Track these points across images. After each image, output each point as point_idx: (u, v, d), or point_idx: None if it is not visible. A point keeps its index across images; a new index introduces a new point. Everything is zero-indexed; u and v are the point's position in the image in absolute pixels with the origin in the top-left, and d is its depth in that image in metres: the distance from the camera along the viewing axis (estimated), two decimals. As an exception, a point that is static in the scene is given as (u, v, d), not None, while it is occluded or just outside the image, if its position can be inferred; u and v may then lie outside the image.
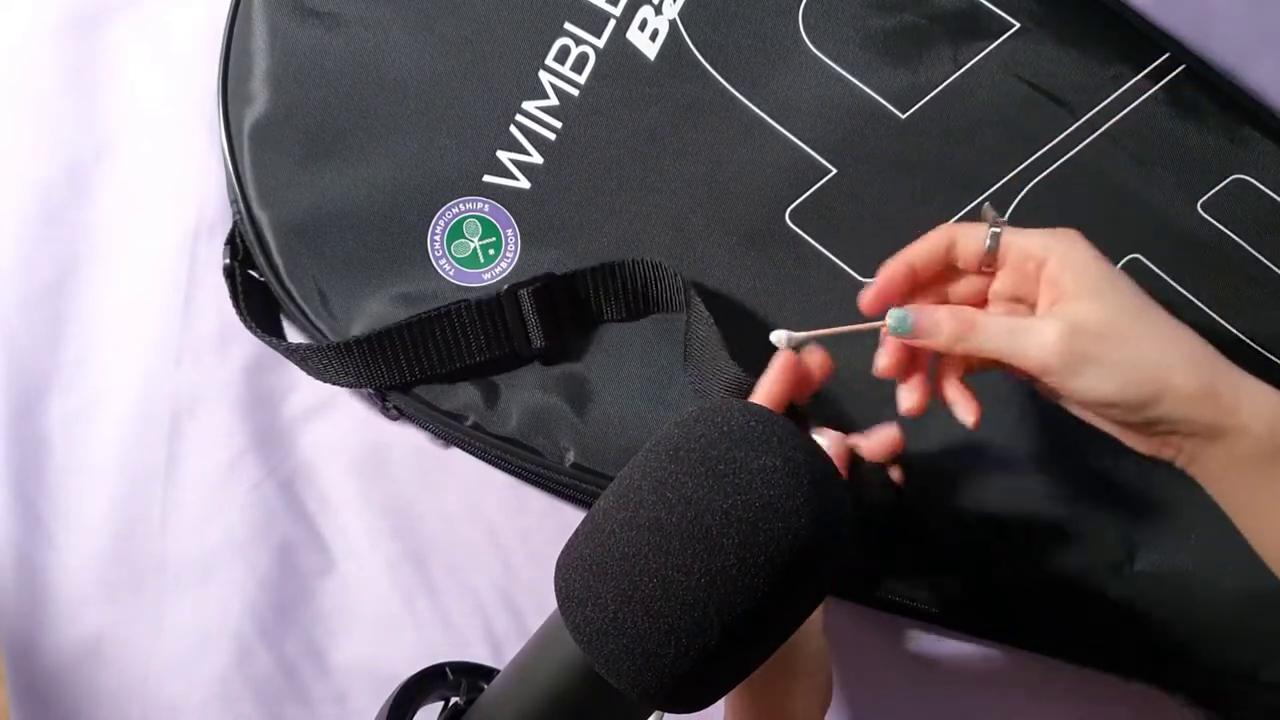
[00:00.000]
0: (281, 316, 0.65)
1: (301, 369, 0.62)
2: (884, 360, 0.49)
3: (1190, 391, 0.44)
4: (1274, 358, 0.58)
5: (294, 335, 0.64)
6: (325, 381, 0.62)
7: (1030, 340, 0.45)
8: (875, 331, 0.49)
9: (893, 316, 0.48)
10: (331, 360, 0.59)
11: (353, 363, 0.59)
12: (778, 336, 0.50)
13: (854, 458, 0.50)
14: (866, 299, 0.49)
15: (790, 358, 0.49)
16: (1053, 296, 0.46)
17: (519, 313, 0.58)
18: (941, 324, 0.47)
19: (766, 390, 0.49)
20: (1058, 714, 0.63)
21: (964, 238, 0.49)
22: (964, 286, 0.50)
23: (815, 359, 0.50)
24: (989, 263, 0.48)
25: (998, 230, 0.48)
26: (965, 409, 0.49)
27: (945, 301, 0.50)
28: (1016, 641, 0.60)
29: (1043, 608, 0.57)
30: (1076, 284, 0.45)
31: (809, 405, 0.51)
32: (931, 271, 0.49)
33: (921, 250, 0.49)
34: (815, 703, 0.47)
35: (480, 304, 0.58)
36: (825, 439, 0.49)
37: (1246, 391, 0.44)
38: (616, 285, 0.59)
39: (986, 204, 0.50)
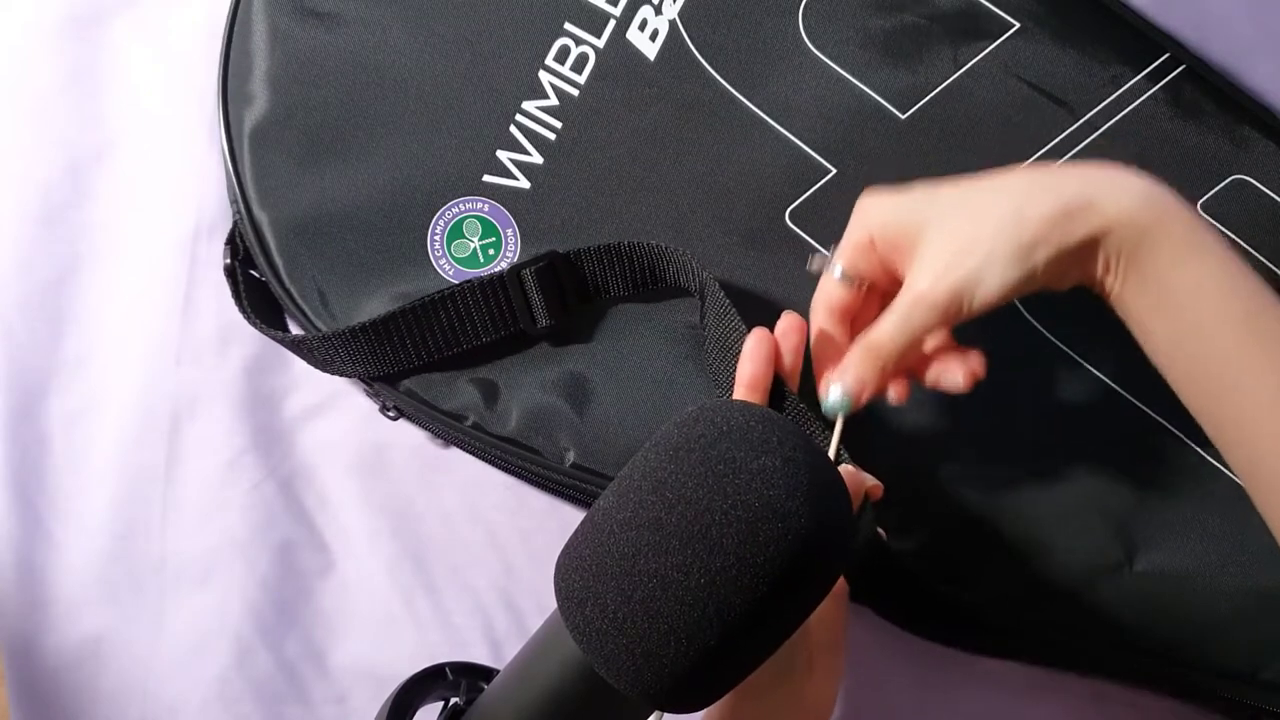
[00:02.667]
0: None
1: (307, 361, 0.62)
2: (894, 393, 0.50)
3: (1046, 228, 0.44)
4: (1274, 358, 0.58)
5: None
6: (330, 372, 0.62)
7: (916, 313, 0.46)
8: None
9: (833, 399, 0.49)
10: (337, 349, 0.59)
11: (358, 350, 0.59)
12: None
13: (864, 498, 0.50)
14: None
15: (762, 334, 0.51)
16: (899, 261, 0.48)
17: (523, 292, 0.58)
18: (862, 372, 0.48)
19: (741, 372, 0.51)
20: (1061, 710, 0.63)
21: (830, 296, 0.50)
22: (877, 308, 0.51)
23: (783, 324, 0.52)
24: (860, 285, 0.50)
25: (829, 259, 0.49)
26: (957, 371, 0.50)
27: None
28: (1013, 655, 0.60)
29: (1040, 610, 0.57)
30: (903, 237, 0.47)
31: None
32: (841, 339, 0.51)
33: (821, 341, 0.51)
34: (802, 708, 0.47)
35: (484, 285, 0.58)
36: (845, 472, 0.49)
37: (1100, 190, 0.44)
38: (623, 264, 0.59)
39: (811, 256, 0.52)
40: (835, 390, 0.49)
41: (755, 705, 0.46)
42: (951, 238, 0.45)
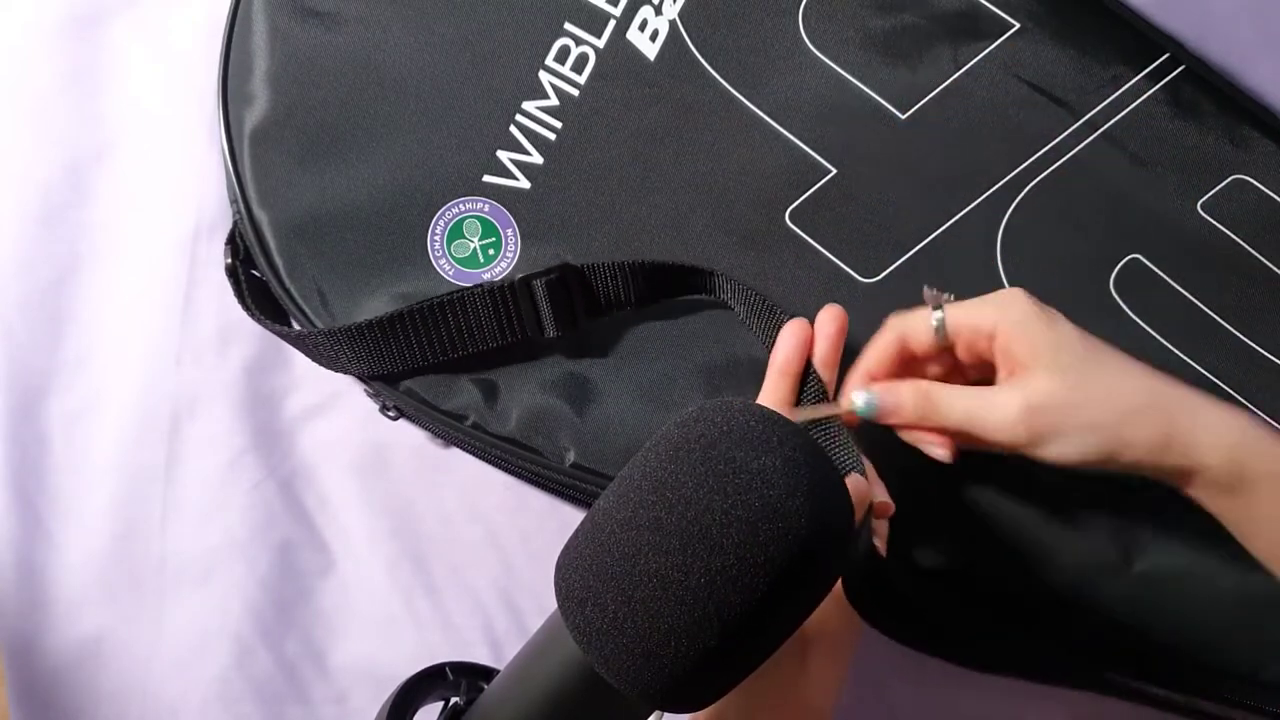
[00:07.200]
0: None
1: (310, 357, 0.62)
2: (942, 452, 0.50)
3: (1147, 443, 0.46)
4: (1275, 359, 0.58)
5: (294, 335, 0.64)
6: (333, 369, 0.61)
7: (992, 417, 0.47)
8: None
9: (859, 398, 0.50)
10: (342, 345, 0.59)
11: (363, 347, 0.59)
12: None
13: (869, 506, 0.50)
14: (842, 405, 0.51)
15: (798, 321, 0.53)
16: (1009, 367, 0.48)
17: (532, 303, 0.58)
18: (904, 402, 0.49)
19: (773, 356, 0.52)
20: (1061, 711, 0.63)
21: (912, 331, 0.50)
22: (937, 363, 0.52)
23: (823, 315, 0.53)
24: (944, 344, 0.50)
25: (940, 314, 0.50)
26: (939, 445, 0.50)
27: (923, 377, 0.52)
28: (1009, 670, 0.60)
29: (1038, 612, 0.57)
30: (1029, 355, 0.47)
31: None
32: (892, 370, 0.51)
33: (872, 356, 0.51)
34: (792, 704, 0.47)
35: (493, 292, 0.58)
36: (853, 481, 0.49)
37: (1201, 429, 0.46)
38: (639, 281, 0.59)
39: (926, 287, 0.51)
40: (872, 393, 0.50)
41: (741, 700, 0.46)
42: (1062, 391, 0.46)
